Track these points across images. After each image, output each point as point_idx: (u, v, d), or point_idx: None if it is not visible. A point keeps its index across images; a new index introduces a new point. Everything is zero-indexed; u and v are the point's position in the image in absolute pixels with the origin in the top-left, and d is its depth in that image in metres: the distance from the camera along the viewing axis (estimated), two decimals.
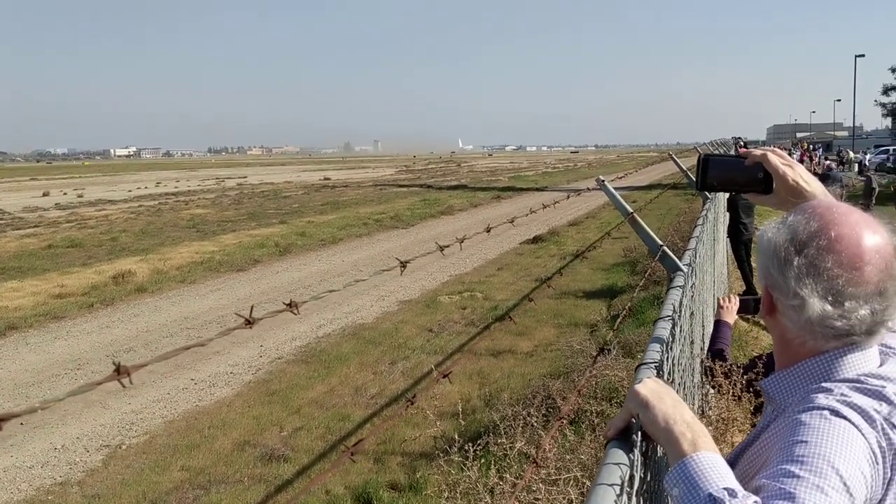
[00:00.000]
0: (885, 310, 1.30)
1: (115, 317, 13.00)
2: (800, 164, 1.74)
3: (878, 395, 1.25)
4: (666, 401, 1.30)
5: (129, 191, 52.86)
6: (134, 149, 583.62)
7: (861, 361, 1.32)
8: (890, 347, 1.43)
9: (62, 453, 7.36)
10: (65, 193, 51.42)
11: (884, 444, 1.19)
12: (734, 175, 1.80)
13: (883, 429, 1.20)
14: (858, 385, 1.28)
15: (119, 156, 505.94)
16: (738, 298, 3.60)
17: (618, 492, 1.22)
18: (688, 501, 1.11)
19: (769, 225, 1.44)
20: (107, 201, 42.08)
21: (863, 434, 1.17)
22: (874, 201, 20.96)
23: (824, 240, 1.31)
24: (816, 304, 1.30)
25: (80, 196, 47.71)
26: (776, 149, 1.77)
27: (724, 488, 1.09)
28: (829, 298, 1.29)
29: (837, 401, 1.23)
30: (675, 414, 1.26)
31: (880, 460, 1.18)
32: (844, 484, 1.07)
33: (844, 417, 1.19)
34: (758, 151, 1.75)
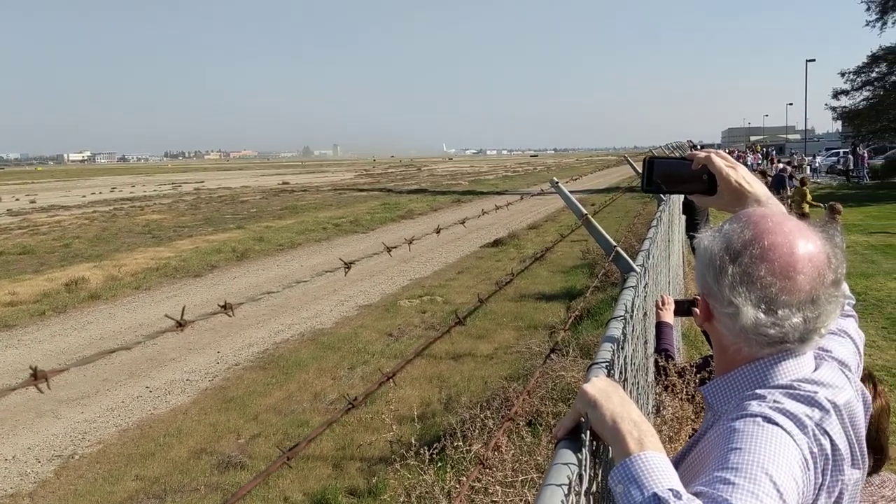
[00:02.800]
0: (818, 318, 1.31)
1: (67, 324, 12.74)
2: (743, 166, 1.76)
3: (811, 401, 1.27)
4: (613, 399, 1.29)
5: (83, 196, 51.93)
6: (88, 154, 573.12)
7: (795, 368, 1.34)
8: (826, 351, 1.45)
9: (13, 464, 7.18)
10: (17, 199, 50.43)
11: (815, 450, 1.21)
12: (679, 176, 1.82)
13: (814, 434, 1.22)
14: (791, 391, 1.29)
15: (73, 161, 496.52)
16: (672, 299, 3.65)
17: (566, 491, 1.21)
18: (631, 499, 1.11)
19: (706, 233, 1.44)
20: (60, 207, 41.25)
21: (795, 440, 1.19)
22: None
23: (758, 248, 1.32)
24: (750, 313, 1.31)
25: (33, 202, 46.79)
26: (720, 151, 1.79)
27: (669, 489, 1.08)
28: (763, 307, 1.30)
29: (770, 408, 1.24)
30: (622, 412, 1.26)
31: (811, 466, 1.20)
32: (777, 490, 1.08)
33: (777, 424, 1.20)
34: (702, 154, 1.76)
